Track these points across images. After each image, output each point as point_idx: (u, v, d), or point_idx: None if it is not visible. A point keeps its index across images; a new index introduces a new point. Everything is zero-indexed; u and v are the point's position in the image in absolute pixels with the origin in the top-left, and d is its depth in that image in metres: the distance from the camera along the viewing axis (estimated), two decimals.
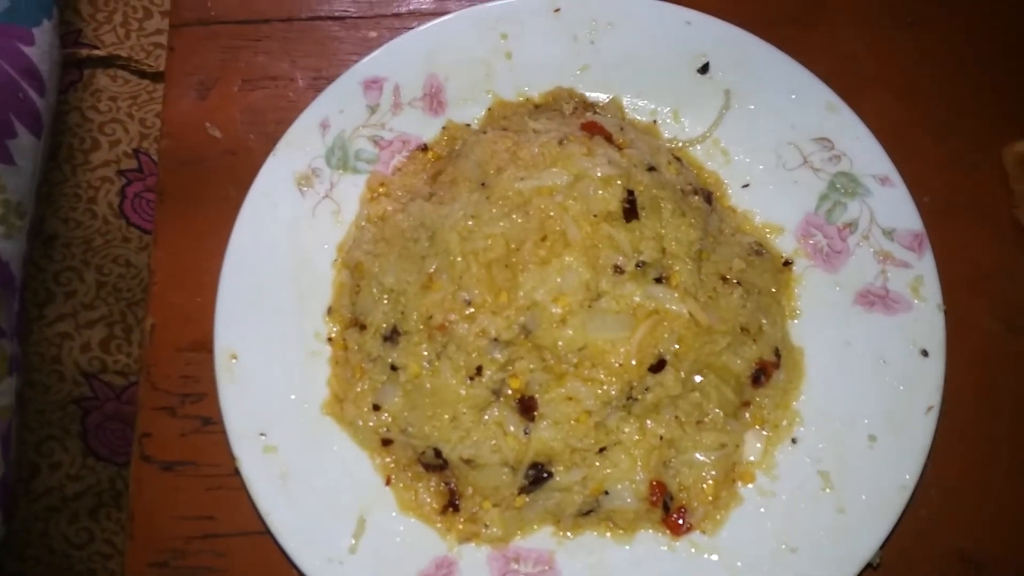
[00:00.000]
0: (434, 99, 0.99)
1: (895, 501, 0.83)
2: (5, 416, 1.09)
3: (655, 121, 1.00)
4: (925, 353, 0.88)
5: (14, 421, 1.12)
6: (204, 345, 0.92)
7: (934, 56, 1.07)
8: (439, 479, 0.86)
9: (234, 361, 0.88)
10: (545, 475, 0.84)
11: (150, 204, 1.38)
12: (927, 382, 0.87)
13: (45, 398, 1.31)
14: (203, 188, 1.00)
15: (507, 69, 1.00)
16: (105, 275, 1.36)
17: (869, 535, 0.82)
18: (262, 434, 0.86)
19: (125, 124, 1.44)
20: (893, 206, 0.93)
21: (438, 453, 0.85)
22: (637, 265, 0.85)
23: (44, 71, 1.25)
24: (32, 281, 1.32)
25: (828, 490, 0.85)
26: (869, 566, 0.83)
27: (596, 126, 0.93)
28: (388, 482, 0.86)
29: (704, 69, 0.99)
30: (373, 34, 1.07)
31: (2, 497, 1.07)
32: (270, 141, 0.97)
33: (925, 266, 0.91)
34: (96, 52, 1.44)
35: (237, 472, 0.85)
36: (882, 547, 0.83)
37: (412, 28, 1.01)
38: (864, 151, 0.95)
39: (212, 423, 0.91)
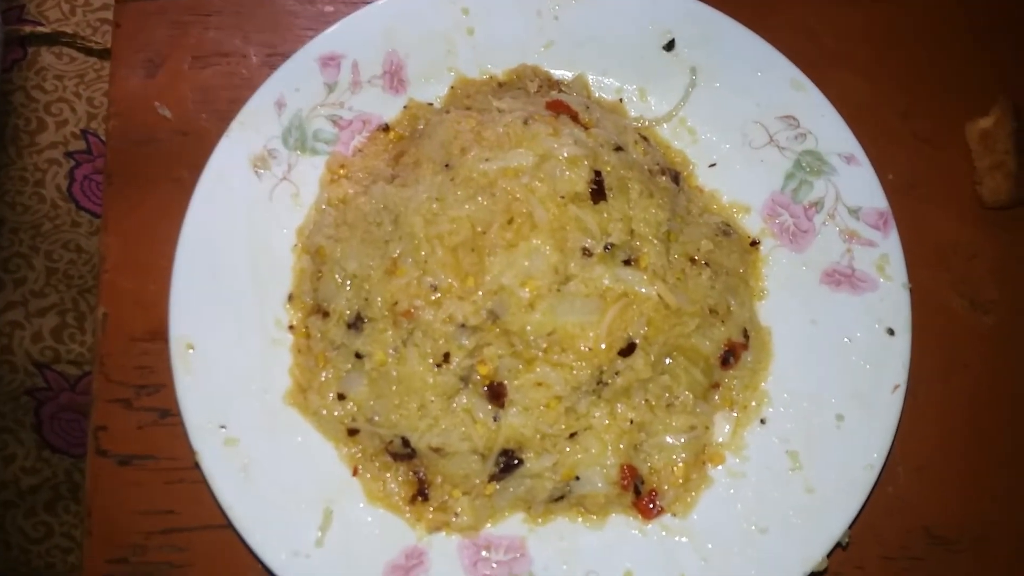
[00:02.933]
0: (395, 77, 0.97)
1: (863, 480, 0.84)
2: None
3: (621, 99, 0.98)
4: (891, 332, 0.89)
5: None
6: (159, 334, 0.89)
7: (897, 34, 1.07)
8: (407, 468, 0.85)
9: (191, 351, 0.85)
10: (515, 462, 0.83)
11: (100, 187, 1.34)
12: (893, 361, 0.88)
13: None
14: (154, 170, 0.96)
15: (469, 46, 0.97)
16: (55, 261, 1.31)
17: (838, 514, 0.83)
18: (222, 426, 0.83)
19: (72, 104, 1.39)
20: (858, 185, 0.93)
21: (406, 442, 0.83)
22: (605, 247, 0.84)
23: None
24: None
25: (797, 470, 0.86)
26: (838, 545, 0.84)
27: (562, 105, 0.91)
28: (355, 472, 0.85)
29: (670, 46, 0.97)
30: (329, 8, 1.03)
31: None
32: (223, 121, 0.93)
33: (890, 245, 0.91)
34: (40, 29, 1.38)
35: (197, 465, 0.83)
36: (850, 526, 0.84)
37: (370, 2, 0.97)
38: (829, 129, 0.94)
39: (170, 415, 0.88)
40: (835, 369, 0.88)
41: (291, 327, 0.89)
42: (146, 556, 0.86)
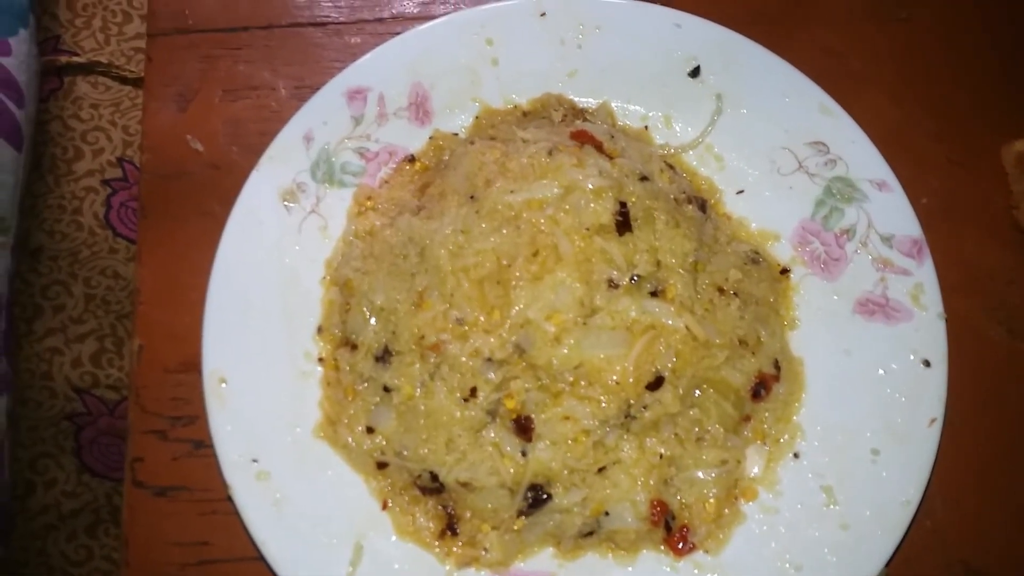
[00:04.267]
0: (420, 108, 0.97)
1: (899, 517, 0.82)
2: None
3: (646, 127, 0.98)
4: (927, 363, 0.87)
5: (6, 440, 1.11)
6: (193, 365, 0.90)
7: (927, 53, 1.05)
8: (436, 502, 0.85)
9: (224, 386, 0.86)
10: (544, 496, 0.82)
11: (136, 214, 1.36)
12: (929, 393, 0.86)
13: (37, 415, 1.29)
14: (186, 203, 0.98)
15: (494, 76, 0.97)
16: (93, 288, 1.34)
17: (873, 552, 0.81)
18: (254, 460, 0.84)
19: (108, 132, 1.42)
20: (891, 211, 0.91)
21: (434, 476, 0.83)
22: (631, 279, 0.83)
23: (22, 81, 1.23)
24: (20, 296, 1.31)
25: (832, 506, 0.84)
26: None
27: (586, 135, 0.91)
28: (384, 506, 0.85)
29: (695, 73, 0.97)
30: (356, 40, 1.04)
31: None
32: (253, 154, 0.94)
33: (925, 273, 0.89)
34: (76, 59, 1.41)
35: (230, 498, 0.84)
36: (887, 563, 0.82)
37: (396, 33, 0.98)
38: (860, 155, 0.93)
39: (204, 446, 0.89)
40: (869, 402, 0.87)
41: (320, 359, 0.89)
42: None
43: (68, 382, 1.30)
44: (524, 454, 0.82)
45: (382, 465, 0.86)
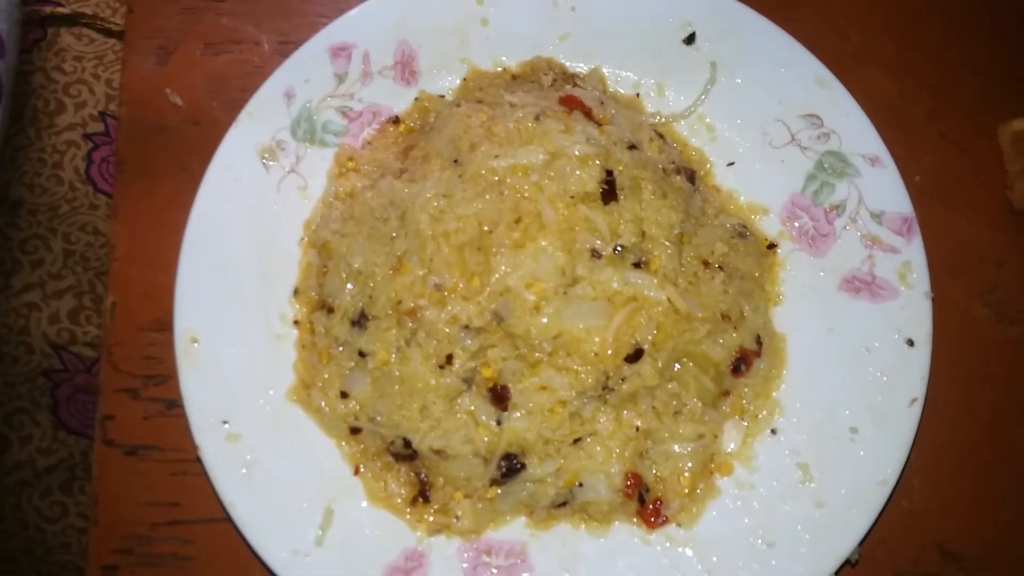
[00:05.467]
0: (406, 68, 0.94)
1: (875, 496, 0.82)
2: None
3: (638, 94, 0.96)
4: (911, 343, 0.86)
5: None
6: (167, 324, 0.88)
7: (927, 31, 1.03)
8: (409, 469, 0.84)
9: (195, 345, 0.84)
10: (518, 466, 0.81)
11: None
12: (912, 373, 0.85)
13: (13, 370, 1.27)
14: (164, 159, 0.96)
15: (483, 37, 0.95)
16: (72, 243, 1.31)
17: (848, 531, 0.81)
18: (225, 422, 0.83)
19: (91, 85, 1.38)
20: (882, 188, 0.90)
21: (407, 443, 0.82)
22: (615, 249, 0.82)
23: (3, 31, 1.19)
24: None
25: (807, 483, 0.83)
26: (848, 562, 0.82)
27: (575, 100, 0.88)
28: (356, 472, 0.84)
29: (690, 39, 0.94)
30: None
31: None
32: (234, 110, 0.92)
33: (913, 252, 0.88)
34: (60, 9, 1.37)
35: (200, 459, 0.83)
36: (861, 542, 0.82)
37: None
38: (854, 129, 0.91)
39: (176, 406, 0.88)
40: (851, 380, 0.86)
41: (296, 322, 0.88)
42: (151, 547, 0.86)
43: (45, 338, 1.28)
44: (499, 423, 0.81)
45: (355, 430, 0.84)
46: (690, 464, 0.83)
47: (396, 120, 0.94)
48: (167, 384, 0.89)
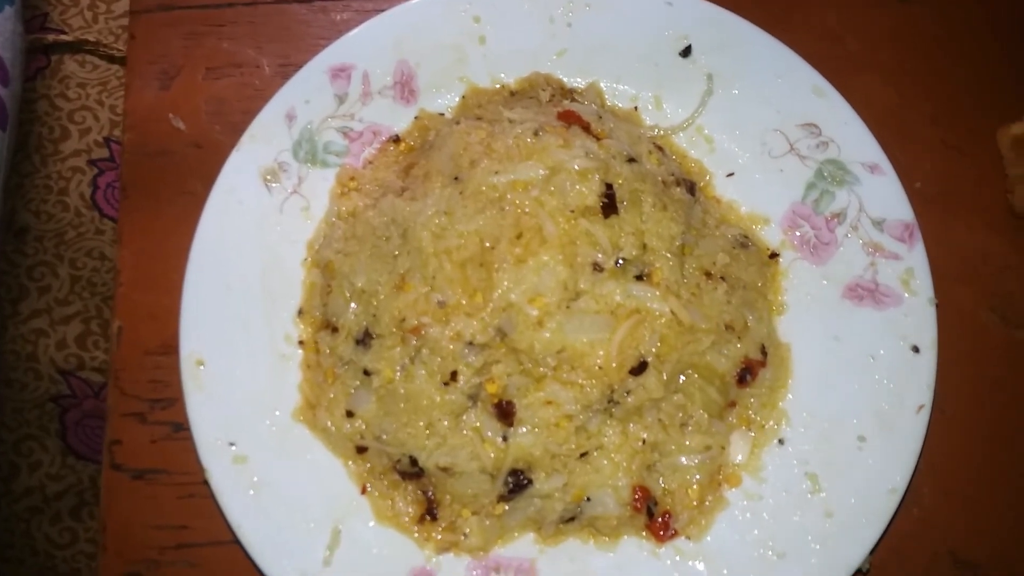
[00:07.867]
0: (405, 87, 0.95)
1: (885, 505, 0.81)
2: None
3: (636, 107, 0.96)
4: (916, 349, 0.85)
5: None
6: (173, 348, 0.88)
7: (924, 37, 1.03)
8: (416, 487, 0.84)
9: (201, 368, 0.85)
10: (525, 482, 0.81)
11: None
12: (918, 380, 0.84)
13: (22, 397, 1.28)
14: (168, 183, 0.96)
15: (481, 54, 0.96)
16: (79, 269, 1.32)
17: (858, 540, 0.80)
18: (232, 444, 0.83)
19: (95, 111, 1.39)
20: (883, 195, 0.90)
21: (414, 461, 0.82)
22: (617, 262, 0.82)
23: (7, 59, 1.20)
24: (4, 277, 1.29)
25: (816, 493, 0.83)
26: (858, 571, 0.81)
27: (573, 115, 0.89)
28: (363, 491, 0.84)
29: (686, 52, 0.95)
30: (342, 17, 1.03)
31: None
32: (236, 132, 0.93)
33: (916, 258, 0.88)
34: (63, 37, 1.39)
35: (207, 482, 0.83)
36: (871, 552, 0.81)
37: (382, 11, 0.96)
38: (852, 137, 0.91)
39: (183, 429, 0.88)
40: (857, 388, 0.85)
41: (301, 342, 0.88)
42: (159, 571, 0.86)
43: (53, 364, 1.28)
44: (505, 439, 0.81)
45: (361, 449, 0.84)
46: (698, 476, 0.83)
47: (396, 139, 0.95)
48: (174, 407, 0.89)
